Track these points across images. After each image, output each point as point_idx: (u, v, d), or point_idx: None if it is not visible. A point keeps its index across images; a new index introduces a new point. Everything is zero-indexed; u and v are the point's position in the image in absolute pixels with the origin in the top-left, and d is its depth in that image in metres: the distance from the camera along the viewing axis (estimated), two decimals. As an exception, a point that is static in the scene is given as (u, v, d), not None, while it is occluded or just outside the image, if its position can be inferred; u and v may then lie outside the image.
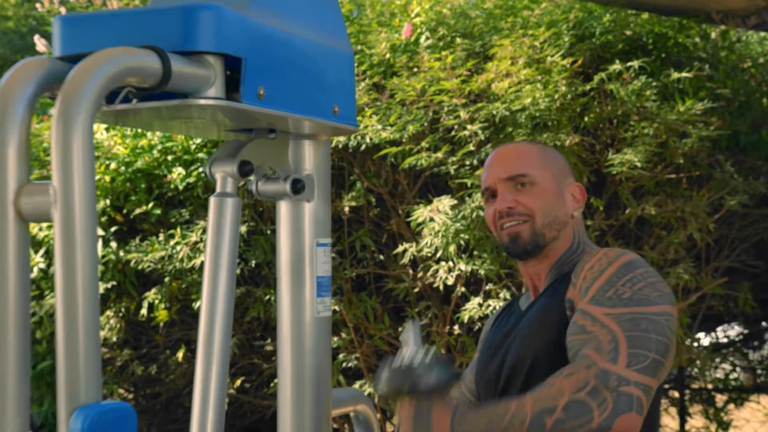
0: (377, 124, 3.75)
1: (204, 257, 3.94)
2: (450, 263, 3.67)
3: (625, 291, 1.72)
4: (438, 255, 3.68)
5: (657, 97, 3.76)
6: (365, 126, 3.74)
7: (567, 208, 1.92)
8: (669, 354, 1.72)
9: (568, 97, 3.68)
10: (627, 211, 3.79)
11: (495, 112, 3.60)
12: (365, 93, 3.87)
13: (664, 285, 1.78)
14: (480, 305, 3.64)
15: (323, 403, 1.41)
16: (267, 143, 1.35)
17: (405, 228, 3.97)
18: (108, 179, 4.22)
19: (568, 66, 3.71)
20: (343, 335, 4.09)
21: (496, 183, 1.92)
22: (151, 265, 4.07)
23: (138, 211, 4.18)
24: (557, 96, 3.64)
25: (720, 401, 6.28)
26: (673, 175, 3.87)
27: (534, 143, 2.08)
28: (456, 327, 3.94)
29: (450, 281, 3.68)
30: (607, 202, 3.89)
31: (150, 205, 4.18)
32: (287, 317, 1.39)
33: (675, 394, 6.37)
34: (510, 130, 3.65)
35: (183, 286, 4.16)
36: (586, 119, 3.77)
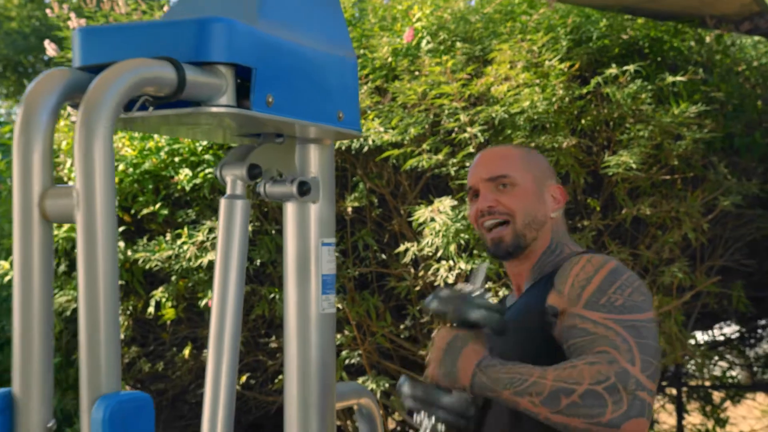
0: (379, 126, 3.74)
1: (211, 256, 3.95)
2: (450, 262, 3.66)
3: (617, 298, 1.76)
4: (439, 254, 3.68)
5: (652, 100, 3.76)
6: (368, 128, 3.73)
7: (546, 208, 1.97)
8: (660, 358, 1.78)
9: (565, 100, 3.68)
10: (623, 212, 3.79)
11: (494, 114, 3.60)
12: (368, 96, 3.86)
13: (645, 288, 1.82)
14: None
15: (328, 396, 1.44)
16: (274, 147, 1.38)
17: (406, 228, 3.97)
18: (116, 180, 4.23)
19: (565, 70, 3.70)
20: (346, 333, 4.08)
21: (478, 183, 1.98)
22: (159, 264, 4.08)
23: (145, 212, 4.18)
24: (555, 99, 3.64)
25: (717, 398, 6.29)
26: (668, 177, 3.87)
27: (518, 147, 2.13)
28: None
29: (450, 279, 3.66)
30: (604, 202, 3.89)
31: (157, 206, 4.18)
32: (293, 313, 1.42)
33: (672, 391, 6.36)
34: (509, 132, 3.64)
35: (189, 284, 4.15)
36: (583, 122, 3.76)
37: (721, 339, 6.16)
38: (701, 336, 6.13)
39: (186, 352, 4.37)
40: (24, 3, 15.51)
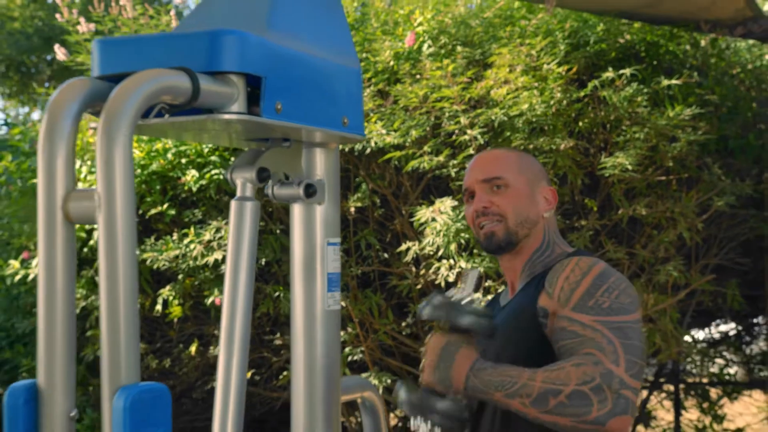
0: (382, 129, 3.74)
1: (217, 255, 3.98)
2: (451, 261, 3.68)
3: (605, 301, 1.82)
4: (440, 253, 3.69)
5: (648, 103, 3.76)
6: (370, 131, 3.73)
7: (538, 209, 2.02)
8: (645, 358, 1.83)
9: (563, 103, 3.69)
10: (620, 212, 3.80)
11: (494, 117, 3.60)
12: (370, 99, 3.87)
13: (632, 290, 1.88)
14: (479, 301, 3.66)
15: (333, 390, 1.47)
16: (282, 151, 1.42)
17: (408, 227, 3.98)
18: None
19: (563, 73, 3.70)
20: (349, 330, 4.09)
21: (474, 185, 2.04)
22: (166, 264, 4.10)
23: (153, 212, 4.20)
24: (553, 102, 3.64)
25: (714, 395, 6.29)
26: (663, 177, 3.88)
27: (512, 150, 2.18)
28: (457, 322, 3.99)
29: (451, 278, 3.67)
30: (601, 203, 3.90)
31: (165, 206, 4.20)
32: (300, 310, 1.46)
33: (670, 387, 6.38)
34: (508, 134, 3.65)
35: (196, 283, 4.16)
36: (580, 124, 3.77)
37: (718, 337, 6.16)
38: (699, 334, 6.14)
39: (192, 348, 4.38)
40: (27, 3, 15.39)
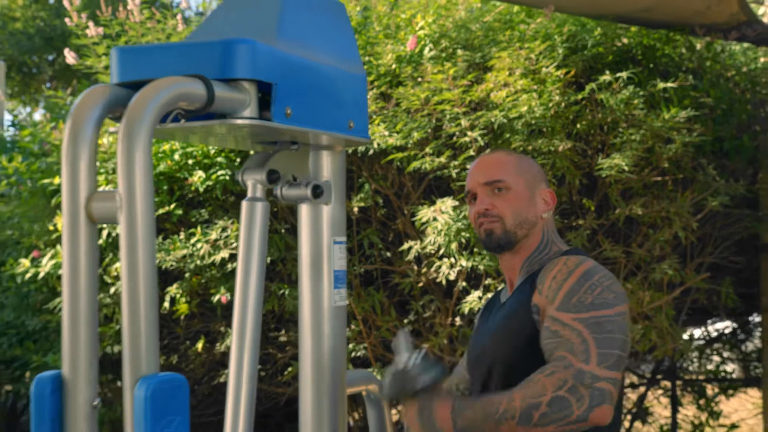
0: (384, 130, 3.77)
1: (223, 253, 4.00)
2: (452, 259, 3.70)
3: (587, 297, 1.88)
4: (441, 252, 3.72)
5: (644, 106, 3.77)
6: (373, 132, 3.75)
7: (537, 210, 2.08)
8: (628, 348, 1.89)
9: (561, 106, 3.70)
10: (616, 211, 3.81)
11: (494, 119, 3.61)
12: (373, 102, 3.88)
13: (618, 286, 1.94)
14: (480, 298, 3.67)
15: (339, 382, 1.51)
16: (290, 154, 1.47)
17: (410, 227, 4.01)
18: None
19: (561, 76, 3.71)
20: (353, 327, 4.11)
21: (476, 187, 2.10)
22: (174, 264, 4.11)
23: (161, 212, 4.21)
24: (551, 104, 3.65)
25: (711, 392, 6.31)
26: (659, 178, 3.89)
27: (512, 153, 2.24)
28: (458, 319, 3.99)
29: (452, 276, 3.70)
30: (598, 203, 3.91)
31: (172, 206, 4.22)
32: (308, 306, 1.50)
33: (667, 384, 6.41)
34: (507, 136, 3.66)
35: (203, 281, 4.18)
36: (578, 126, 3.78)
37: (715, 335, 6.17)
38: (695, 332, 6.16)
39: (199, 345, 4.40)
40: (28, 4, 15.35)
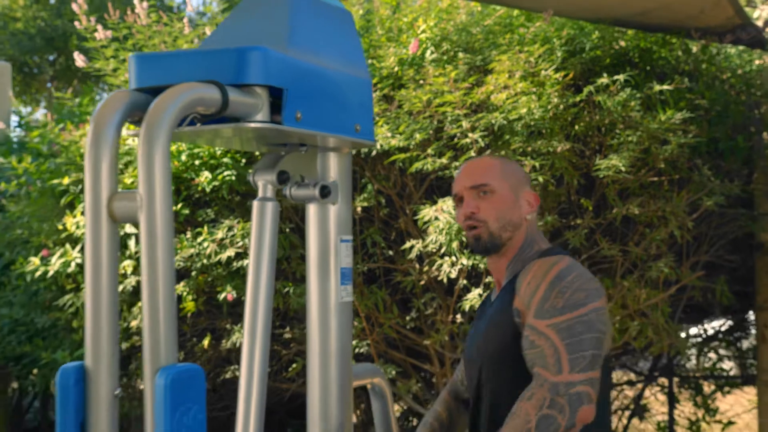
0: (387, 132, 3.79)
1: (229, 252, 4.03)
2: (453, 258, 3.72)
3: (558, 301, 1.93)
4: (442, 250, 3.73)
5: (641, 108, 3.78)
6: (376, 134, 3.77)
7: (521, 212, 2.14)
8: (604, 342, 1.94)
9: (560, 108, 3.71)
10: (614, 211, 3.83)
11: (494, 121, 3.63)
12: (376, 104, 3.89)
13: (590, 283, 1.98)
14: (480, 296, 3.69)
15: (346, 375, 1.55)
16: (299, 155, 1.51)
17: (412, 226, 4.03)
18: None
19: (560, 79, 3.73)
20: (356, 324, 4.12)
21: (462, 191, 2.16)
22: (181, 263, 4.12)
23: (168, 211, 4.26)
24: (550, 106, 3.67)
25: (707, 389, 6.34)
26: (655, 178, 3.91)
27: (497, 157, 2.29)
28: (458, 316, 4.02)
29: (453, 274, 3.72)
30: (596, 202, 3.93)
31: (179, 206, 4.23)
32: (316, 302, 1.54)
33: (665, 381, 6.43)
34: (507, 137, 3.68)
35: (209, 279, 4.19)
36: (576, 128, 3.79)
37: (712, 332, 6.18)
38: (692, 330, 6.18)
39: (205, 342, 4.42)
40: (29, 4, 15.33)
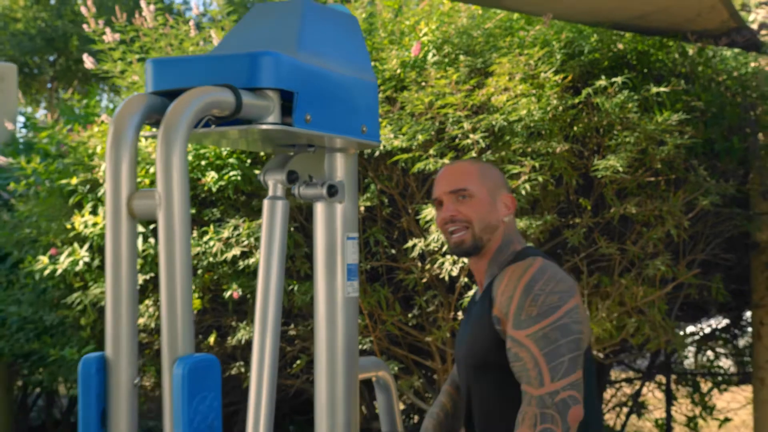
0: (390, 133, 3.81)
1: (235, 251, 4.07)
2: (454, 256, 3.72)
3: (533, 310, 1.97)
4: (444, 249, 3.76)
5: (638, 109, 3.80)
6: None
7: (498, 214, 2.17)
8: (582, 341, 1.97)
9: (559, 109, 3.73)
10: (611, 210, 3.85)
11: (494, 122, 3.65)
12: (379, 105, 3.95)
13: (562, 284, 2.01)
14: None
15: (352, 368, 1.59)
16: (307, 156, 1.55)
17: (414, 225, 4.05)
18: (148, 182, 4.30)
19: (559, 81, 3.75)
20: (359, 321, 4.17)
21: (442, 195, 2.19)
22: None
23: (175, 211, 4.28)
24: (550, 108, 3.69)
25: (705, 387, 6.35)
26: (652, 178, 3.93)
27: (475, 162, 2.32)
28: (459, 313, 4.04)
29: (454, 272, 3.74)
30: (594, 202, 3.95)
31: (185, 205, 4.30)
32: (323, 297, 1.58)
33: (662, 379, 6.46)
34: (507, 138, 3.70)
35: (215, 277, 4.22)
36: (575, 129, 3.81)
37: (708, 331, 6.20)
38: (689, 328, 6.20)
39: (211, 339, 4.44)
40: (30, 4, 15.31)
